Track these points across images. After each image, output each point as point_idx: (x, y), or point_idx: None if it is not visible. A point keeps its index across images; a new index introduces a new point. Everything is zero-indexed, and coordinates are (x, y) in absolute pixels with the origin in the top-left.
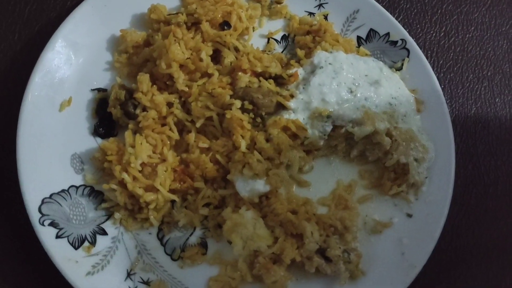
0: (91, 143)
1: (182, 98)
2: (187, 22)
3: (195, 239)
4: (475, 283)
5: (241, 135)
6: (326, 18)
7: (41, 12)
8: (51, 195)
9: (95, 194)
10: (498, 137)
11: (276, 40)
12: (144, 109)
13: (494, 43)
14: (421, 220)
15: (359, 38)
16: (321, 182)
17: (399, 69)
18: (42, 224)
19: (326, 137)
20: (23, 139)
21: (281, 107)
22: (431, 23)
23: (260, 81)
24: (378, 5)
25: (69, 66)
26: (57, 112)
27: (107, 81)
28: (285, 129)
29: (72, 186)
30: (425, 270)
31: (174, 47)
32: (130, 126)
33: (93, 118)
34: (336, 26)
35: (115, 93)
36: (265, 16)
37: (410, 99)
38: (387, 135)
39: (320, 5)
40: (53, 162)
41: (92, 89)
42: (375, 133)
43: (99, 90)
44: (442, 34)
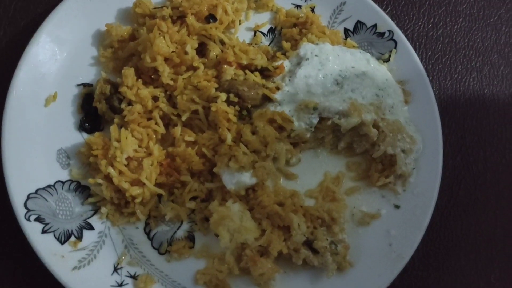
0: (77, 138)
1: (168, 92)
2: (173, 15)
3: (182, 233)
4: (464, 274)
5: (227, 128)
6: (313, 10)
7: (27, 8)
8: (37, 190)
9: (81, 189)
10: (486, 128)
11: (263, 33)
12: (130, 103)
13: (482, 34)
14: (408, 211)
15: (346, 30)
16: (309, 175)
17: (387, 60)
18: (28, 220)
19: (312, 129)
20: (8, 135)
21: (267, 100)
22: (419, 14)
23: (245, 74)
24: None
25: (54, 61)
26: (43, 107)
27: (92, 76)
28: (271, 121)
29: (58, 181)
30: (413, 261)
31: (158, 41)
32: (116, 120)
33: (79, 113)
34: (323, 18)
35: (100, 87)
36: (251, 9)
37: (398, 90)
38: (374, 126)
39: None
40: (39, 157)
41: (78, 84)
42: (362, 124)
43: (84, 85)
44: (430, 25)
